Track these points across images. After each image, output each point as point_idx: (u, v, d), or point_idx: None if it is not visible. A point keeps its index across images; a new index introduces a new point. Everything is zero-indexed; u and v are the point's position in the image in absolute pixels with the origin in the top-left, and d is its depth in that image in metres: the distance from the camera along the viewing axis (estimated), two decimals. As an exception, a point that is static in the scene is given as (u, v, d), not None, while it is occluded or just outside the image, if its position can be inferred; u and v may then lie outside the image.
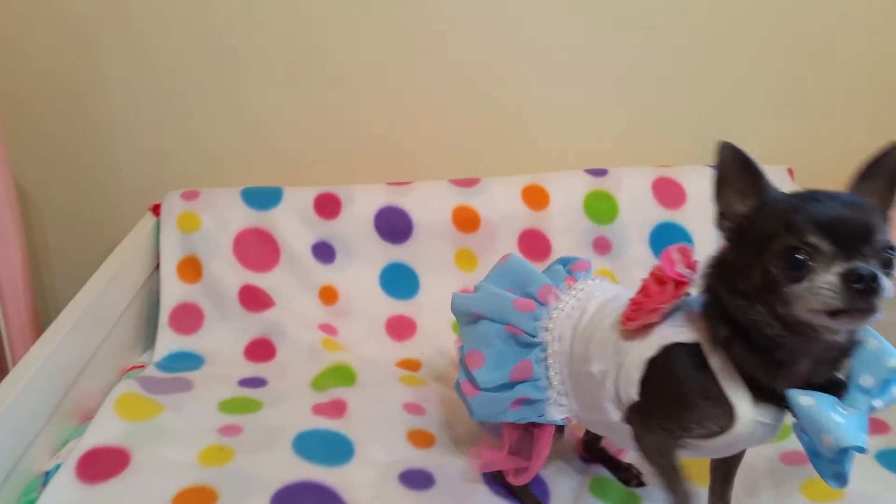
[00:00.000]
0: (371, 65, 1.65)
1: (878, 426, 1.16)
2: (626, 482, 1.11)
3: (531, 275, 1.08)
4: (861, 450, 0.73)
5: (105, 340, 1.36)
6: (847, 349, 0.79)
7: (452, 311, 1.13)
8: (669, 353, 0.85)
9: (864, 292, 0.69)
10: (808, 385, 0.78)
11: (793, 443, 1.11)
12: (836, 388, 0.78)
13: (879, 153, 0.79)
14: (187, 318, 1.54)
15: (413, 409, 1.29)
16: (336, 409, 1.28)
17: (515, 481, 1.04)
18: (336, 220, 1.60)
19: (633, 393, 0.88)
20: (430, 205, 1.61)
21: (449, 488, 1.09)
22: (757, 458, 1.11)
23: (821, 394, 0.76)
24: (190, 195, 1.62)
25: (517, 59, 1.65)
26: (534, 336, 1.01)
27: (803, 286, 0.71)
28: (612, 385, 0.91)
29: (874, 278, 0.68)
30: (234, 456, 1.14)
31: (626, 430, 0.93)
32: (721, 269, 0.83)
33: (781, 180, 1.60)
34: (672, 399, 0.85)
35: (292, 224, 1.60)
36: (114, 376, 1.39)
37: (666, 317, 0.87)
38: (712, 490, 0.99)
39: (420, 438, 1.21)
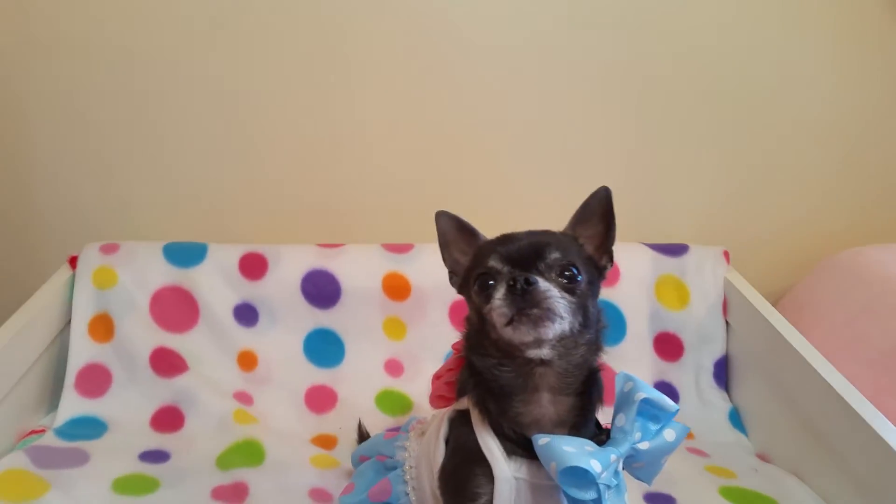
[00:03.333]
0: (303, 123, 1.61)
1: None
2: None
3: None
4: (586, 472, 0.75)
5: (5, 400, 1.28)
6: (585, 381, 0.84)
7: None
8: (450, 424, 0.92)
9: (524, 296, 0.77)
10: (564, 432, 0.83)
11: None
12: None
13: (589, 198, 0.89)
14: (94, 379, 1.46)
15: (319, 496, 1.21)
16: (237, 493, 1.20)
17: None
18: (261, 280, 1.54)
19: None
20: (360, 270, 1.56)
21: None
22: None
23: (567, 437, 0.79)
24: (109, 248, 1.55)
25: (457, 125, 1.62)
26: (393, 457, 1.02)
27: (491, 304, 0.80)
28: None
29: (528, 281, 0.77)
30: (119, 546, 1.06)
31: None
32: (468, 331, 0.90)
33: (718, 262, 1.58)
34: (454, 470, 0.88)
35: (215, 283, 1.53)
36: (10, 440, 1.31)
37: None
38: None
39: (321, 531, 1.13)
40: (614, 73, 1.60)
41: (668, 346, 1.55)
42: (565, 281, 0.82)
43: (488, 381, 0.84)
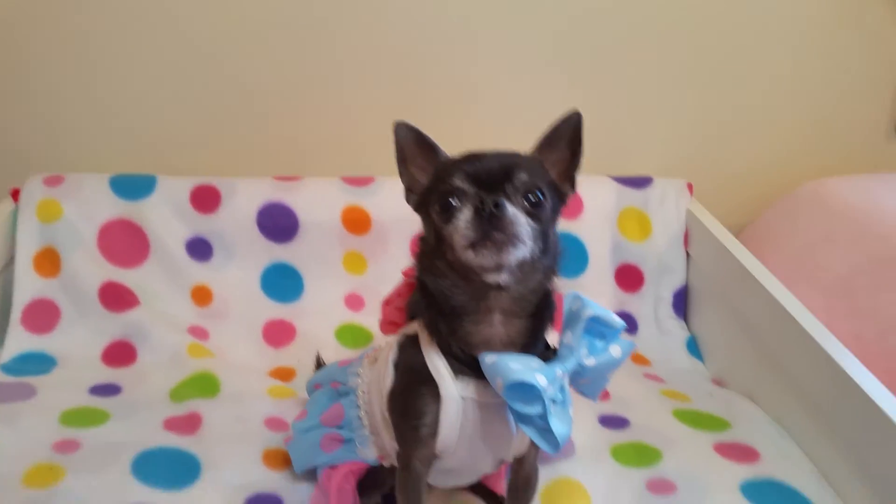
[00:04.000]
0: (259, 46, 1.53)
1: (745, 454, 1.13)
2: None
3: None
4: (532, 387, 0.74)
5: (-52, 336, 1.23)
6: (538, 304, 0.82)
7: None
8: (400, 348, 0.90)
9: (490, 220, 0.74)
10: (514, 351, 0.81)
11: (661, 471, 1.09)
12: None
13: (559, 122, 0.84)
14: (42, 315, 1.41)
15: (275, 424, 1.19)
16: (190, 423, 1.18)
17: None
18: (215, 214, 1.49)
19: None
20: (318, 203, 1.52)
21: (297, 516, 1.01)
22: (623, 484, 1.08)
23: (514, 354, 0.78)
24: (53, 180, 1.49)
25: (420, 55, 1.56)
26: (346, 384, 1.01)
27: (452, 225, 0.77)
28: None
29: (496, 205, 0.74)
30: (63, 476, 1.03)
31: None
32: (422, 251, 0.87)
33: (681, 194, 1.58)
34: (402, 391, 0.87)
35: (165, 217, 1.48)
36: (-46, 378, 1.26)
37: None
38: None
39: (276, 459, 1.11)
40: (585, 6, 1.56)
41: (628, 277, 1.55)
42: (530, 206, 0.78)
43: (440, 302, 0.82)
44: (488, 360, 0.77)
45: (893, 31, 1.63)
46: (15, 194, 1.48)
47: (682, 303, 1.55)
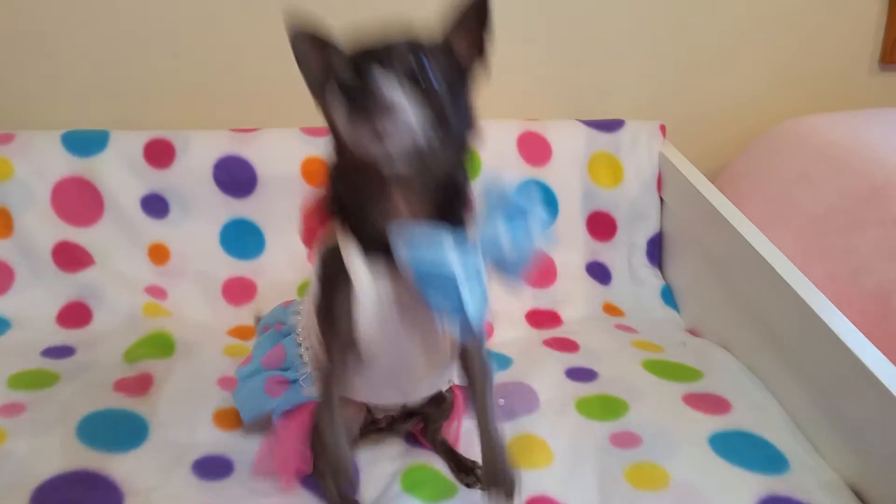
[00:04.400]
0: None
1: (717, 405, 1.10)
2: (466, 482, 1.00)
3: None
4: (444, 271, 0.73)
5: None
6: (446, 193, 0.79)
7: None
8: (321, 260, 0.86)
9: (375, 110, 0.70)
10: None
11: (626, 424, 1.06)
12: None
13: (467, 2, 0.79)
14: (-6, 277, 1.37)
15: (229, 383, 1.15)
16: (141, 384, 1.14)
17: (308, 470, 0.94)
18: (169, 169, 1.44)
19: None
20: (277, 155, 1.46)
21: (245, 478, 0.97)
22: (586, 438, 1.05)
23: (425, 232, 0.76)
24: (3, 138, 1.44)
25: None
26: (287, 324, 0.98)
27: (340, 118, 0.72)
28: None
29: (380, 94, 0.70)
30: (5, 440, 1.00)
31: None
32: (331, 154, 0.83)
33: (653, 137, 1.52)
34: (323, 299, 0.86)
35: (119, 173, 1.44)
36: None
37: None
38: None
39: (227, 419, 1.08)
40: None
41: (600, 225, 1.50)
42: (421, 94, 0.73)
43: (350, 204, 0.80)
44: (399, 243, 0.75)
45: (879, -42, 1.55)
46: (-37, 153, 1.43)
47: (656, 250, 1.51)
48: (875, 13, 1.60)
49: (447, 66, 0.77)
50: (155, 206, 1.45)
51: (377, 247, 0.79)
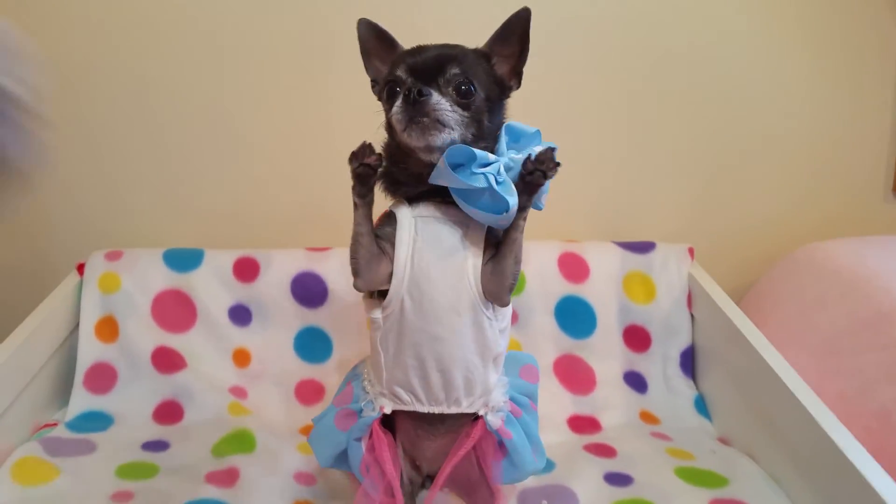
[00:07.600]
0: (289, 132, 1.71)
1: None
2: None
3: None
4: (471, 154, 0.89)
5: (20, 397, 1.38)
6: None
7: None
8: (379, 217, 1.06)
9: (415, 106, 0.89)
10: None
11: None
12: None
13: (511, 17, 0.95)
14: (101, 377, 1.56)
15: (304, 479, 1.31)
16: (229, 477, 1.30)
17: None
18: (254, 283, 1.64)
19: None
20: (345, 272, 1.64)
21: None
22: None
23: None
24: (113, 255, 1.66)
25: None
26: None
27: (392, 111, 0.92)
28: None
29: (420, 93, 0.88)
30: (120, 525, 1.16)
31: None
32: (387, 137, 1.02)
33: (682, 259, 1.66)
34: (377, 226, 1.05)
35: (211, 286, 1.64)
36: (26, 432, 1.42)
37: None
38: None
39: (304, 510, 1.23)
40: (584, 71, 1.66)
41: (636, 337, 1.63)
42: (459, 96, 0.92)
43: (397, 169, 0.99)
44: (440, 163, 0.90)
45: (890, 96, 1.70)
46: (80, 268, 1.65)
47: (689, 362, 1.61)
48: (886, 144, 1.74)
49: (483, 74, 0.95)
50: (240, 315, 1.64)
51: (417, 201, 0.99)
